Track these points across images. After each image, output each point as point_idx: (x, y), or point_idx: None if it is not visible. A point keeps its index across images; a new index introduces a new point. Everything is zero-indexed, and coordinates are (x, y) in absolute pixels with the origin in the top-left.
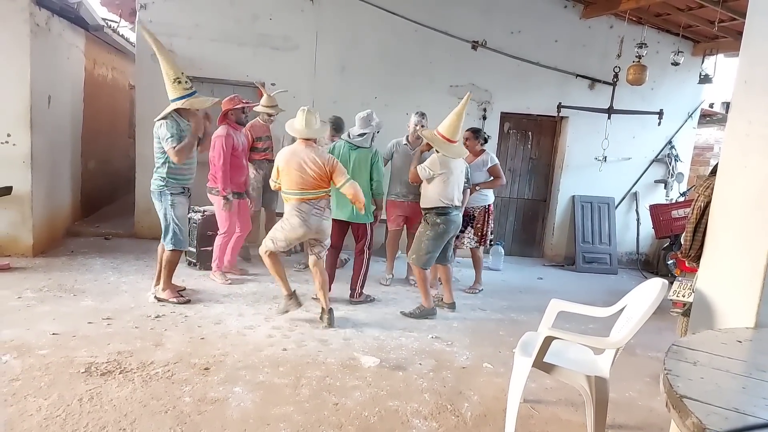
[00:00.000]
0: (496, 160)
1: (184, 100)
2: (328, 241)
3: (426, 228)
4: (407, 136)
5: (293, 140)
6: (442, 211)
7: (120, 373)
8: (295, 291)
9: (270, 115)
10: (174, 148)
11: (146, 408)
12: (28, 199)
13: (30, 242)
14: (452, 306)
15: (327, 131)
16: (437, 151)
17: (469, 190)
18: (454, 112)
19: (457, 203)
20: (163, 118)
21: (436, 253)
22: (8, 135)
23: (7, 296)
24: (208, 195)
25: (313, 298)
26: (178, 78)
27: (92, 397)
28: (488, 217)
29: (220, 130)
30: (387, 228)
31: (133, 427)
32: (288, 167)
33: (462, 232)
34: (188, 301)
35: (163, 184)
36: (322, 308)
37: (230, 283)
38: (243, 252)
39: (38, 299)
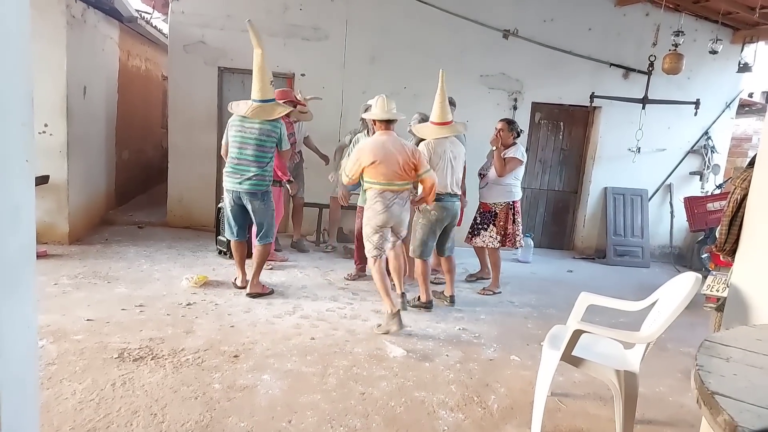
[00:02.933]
0: (517, 155)
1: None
2: (404, 233)
3: (419, 217)
4: None
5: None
6: (436, 198)
7: (152, 359)
8: (399, 311)
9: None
10: (287, 149)
11: (177, 394)
12: (65, 188)
13: (66, 230)
14: (451, 300)
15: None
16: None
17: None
18: (438, 95)
19: (451, 189)
20: (275, 119)
21: (432, 242)
22: (45, 125)
23: (44, 282)
24: None
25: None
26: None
27: (125, 382)
28: (514, 216)
29: None
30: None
31: (164, 412)
32: (375, 159)
33: (484, 229)
34: (272, 292)
35: (269, 183)
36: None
37: (271, 269)
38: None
39: (74, 286)
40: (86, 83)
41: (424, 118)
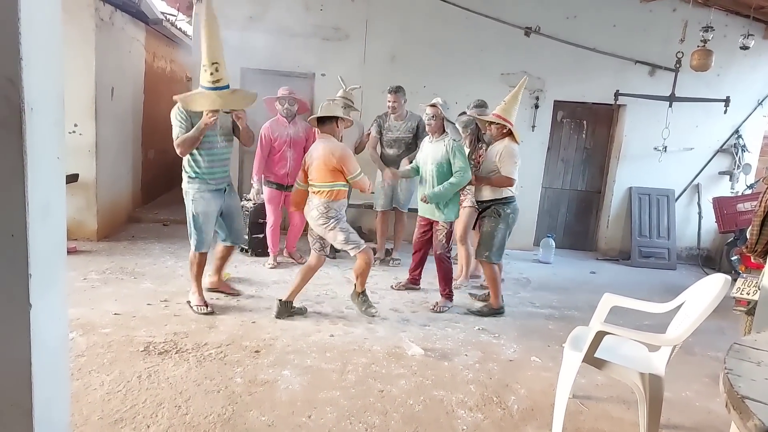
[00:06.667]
0: None
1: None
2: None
3: (497, 222)
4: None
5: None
6: (511, 200)
7: (176, 353)
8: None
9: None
10: (175, 139)
11: (200, 387)
12: (93, 186)
13: (95, 227)
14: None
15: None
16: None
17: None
18: (512, 96)
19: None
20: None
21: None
22: (75, 125)
23: (74, 277)
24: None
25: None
26: (205, 66)
27: (150, 375)
28: None
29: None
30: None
31: (188, 404)
32: (310, 160)
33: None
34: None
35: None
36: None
37: (272, 267)
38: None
39: (102, 281)
40: (114, 84)
41: (481, 104)
